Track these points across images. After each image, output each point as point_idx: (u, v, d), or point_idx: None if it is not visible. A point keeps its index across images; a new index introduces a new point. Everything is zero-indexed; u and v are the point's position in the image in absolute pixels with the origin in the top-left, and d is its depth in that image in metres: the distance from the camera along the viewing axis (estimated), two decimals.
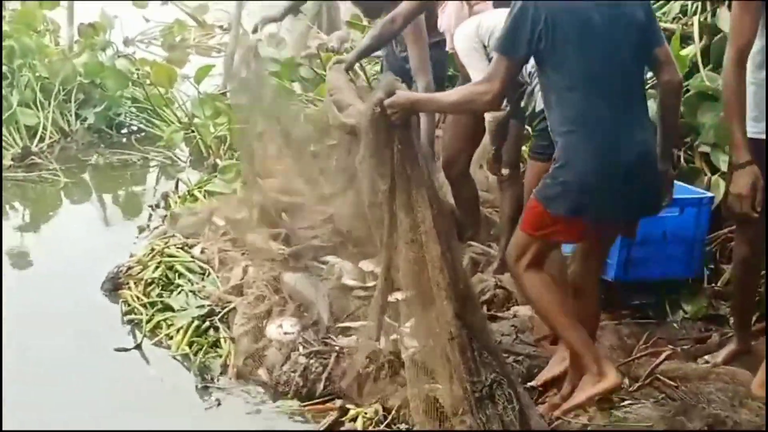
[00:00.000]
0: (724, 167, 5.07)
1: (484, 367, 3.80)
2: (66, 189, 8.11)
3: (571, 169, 3.65)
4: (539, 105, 4.19)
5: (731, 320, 4.73)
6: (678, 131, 3.93)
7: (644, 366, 4.42)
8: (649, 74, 4.04)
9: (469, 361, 3.77)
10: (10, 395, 4.63)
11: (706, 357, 4.47)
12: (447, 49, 5.15)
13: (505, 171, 5.04)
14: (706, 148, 5.26)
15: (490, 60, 4.18)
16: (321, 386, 4.57)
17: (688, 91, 5.41)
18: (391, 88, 3.78)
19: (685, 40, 5.69)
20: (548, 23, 3.54)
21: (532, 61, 3.75)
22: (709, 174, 5.19)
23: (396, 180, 3.81)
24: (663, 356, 4.41)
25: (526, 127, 4.82)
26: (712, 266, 5.04)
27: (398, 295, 4.08)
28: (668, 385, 4.29)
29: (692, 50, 5.50)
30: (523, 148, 5.34)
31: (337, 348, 4.72)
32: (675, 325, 4.86)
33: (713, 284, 4.99)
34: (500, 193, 5.31)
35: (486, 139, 5.05)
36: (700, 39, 5.52)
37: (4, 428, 4.26)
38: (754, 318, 4.63)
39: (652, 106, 4.00)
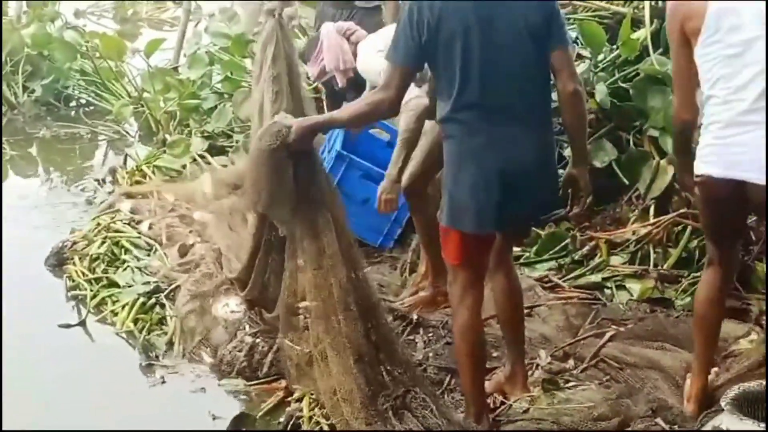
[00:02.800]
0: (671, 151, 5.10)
1: (394, 380, 3.91)
2: (12, 162, 7.99)
3: (449, 178, 3.63)
4: None
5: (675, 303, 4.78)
6: (583, 137, 3.75)
7: (590, 347, 4.45)
8: None
9: (378, 376, 3.89)
10: None
11: None
12: (341, 85, 5.12)
13: None
14: (654, 132, 5.27)
15: None
16: (266, 366, 4.53)
17: (638, 74, 5.44)
18: (286, 123, 3.76)
19: (636, 23, 5.69)
20: (431, 27, 3.45)
21: None
22: (657, 158, 5.21)
23: (299, 207, 3.86)
24: (606, 337, 4.45)
25: None
26: (659, 249, 5.06)
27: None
28: (613, 367, 4.33)
29: (643, 34, 5.51)
30: None
31: None
32: (621, 306, 4.87)
33: (659, 266, 5.01)
34: None
35: None
36: (651, 23, 5.52)
37: (4, 428, 4.20)
38: None
39: None
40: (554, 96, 3.72)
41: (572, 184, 3.76)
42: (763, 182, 3.42)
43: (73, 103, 9.27)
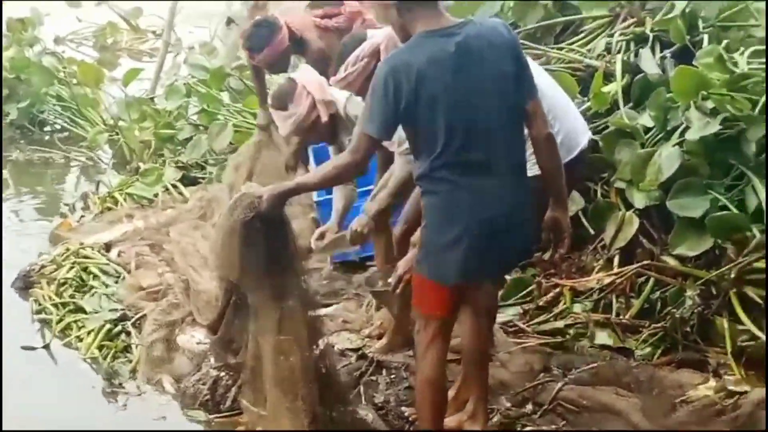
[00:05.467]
0: (638, 203, 5.18)
1: None
2: None
3: (430, 232, 3.68)
4: None
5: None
6: (561, 179, 3.78)
7: (549, 392, 4.51)
8: None
9: None
10: None
11: None
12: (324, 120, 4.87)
13: None
14: (621, 185, 5.35)
15: None
16: (230, 400, 4.55)
17: (607, 127, 5.55)
18: (255, 194, 3.82)
19: (608, 77, 5.81)
20: (410, 93, 3.45)
21: None
22: (623, 209, 5.30)
23: (268, 273, 3.93)
24: (560, 385, 4.51)
25: None
26: (622, 299, 5.14)
27: None
28: (571, 411, 4.40)
29: (614, 87, 5.62)
30: None
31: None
32: (583, 353, 4.87)
33: (620, 316, 5.09)
34: None
35: None
36: (622, 77, 5.65)
37: (4, 428, 4.19)
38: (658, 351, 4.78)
39: None
40: None
41: (554, 226, 3.83)
42: None
43: (47, 128, 9.28)
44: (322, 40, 5.68)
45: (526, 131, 3.71)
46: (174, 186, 7.10)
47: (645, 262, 5.10)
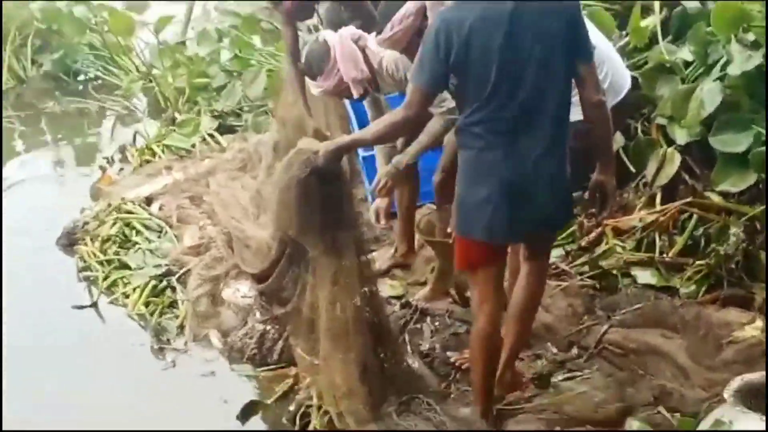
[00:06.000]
0: (679, 140, 5.12)
1: (398, 391, 4.09)
2: (22, 136, 8.05)
3: (462, 187, 3.68)
4: None
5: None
6: (610, 144, 3.78)
7: (594, 335, 4.52)
8: None
9: (382, 389, 4.08)
10: None
11: None
12: (355, 96, 4.85)
13: None
14: (662, 121, 5.29)
15: None
16: (276, 353, 4.61)
17: (646, 62, 5.46)
18: (311, 149, 3.84)
19: (645, 10, 5.70)
20: (460, 46, 3.44)
21: None
22: (665, 146, 5.24)
23: (324, 227, 3.95)
24: (605, 328, 4.52)
25: None
26: (665, 238, 5.10)
27: None
28: (616, 354, 4.41)
29: (652, 21, 5.52)
30: None
31: None
32: (627, 293, 4.87)
33: (664, 254, 5.06)
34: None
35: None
36: (660, 11, 5.53)
37: (4, 428, 4.29)
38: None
39: None
40: None
41: (599, 189, 3.80)
42: None
43: (81, 77, 9.25)
44: None
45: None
46: (211, 135, 7.09)
47: (688, 199, 5.05)
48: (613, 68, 4.32)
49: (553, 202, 3.70)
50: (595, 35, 4.25)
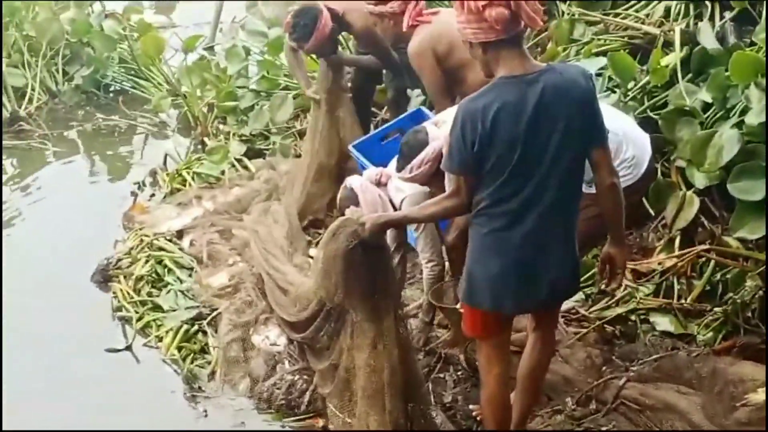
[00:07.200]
0: (698, 183, 5.21)
1: None
2: (55, 153, 8.21)
3: (472, 259, 3.79)
4: None
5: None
6: (621, 222, 3.85)
7: (611, 389, 4.63)
8: None
9: None
10: None
11: None
12: None
13: None
14: (681, 163, 5.36)
15: None
16: (305, 404, 4.77)
17: (665, 103, 5.52)
18: (358, 221, 3.98)
19: (667, 45, 5.75)
20: (483, 137, 3.54)
21: None
22: (684, 189, 5.31)
23: (367, 294, 4.14)
24: (622, 382, 4.62)
25: None
26: (683, 282, 5.19)
27: None
28: (633, 410, 4.52)
29: (672, 59, 5.55)
30: None
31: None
32: (646, 342, 5.00)
33: (683, 299, 5.15)
34: None
35: None
36: (681, 48, 5.58)
37: (4, 428, 4.46)
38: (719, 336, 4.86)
39: None
40: None
41: (609, 261, 3.92)
42: None
43: (112, 89, 9.33)
44: (378, 26, 5.75)
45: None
46: (239, 160, 7.22)
47: (706, 246, 5.13)
48: (633, 142, 4.45)
49: (562, 277, 3.82)
50: (614, 116, 4.36)
